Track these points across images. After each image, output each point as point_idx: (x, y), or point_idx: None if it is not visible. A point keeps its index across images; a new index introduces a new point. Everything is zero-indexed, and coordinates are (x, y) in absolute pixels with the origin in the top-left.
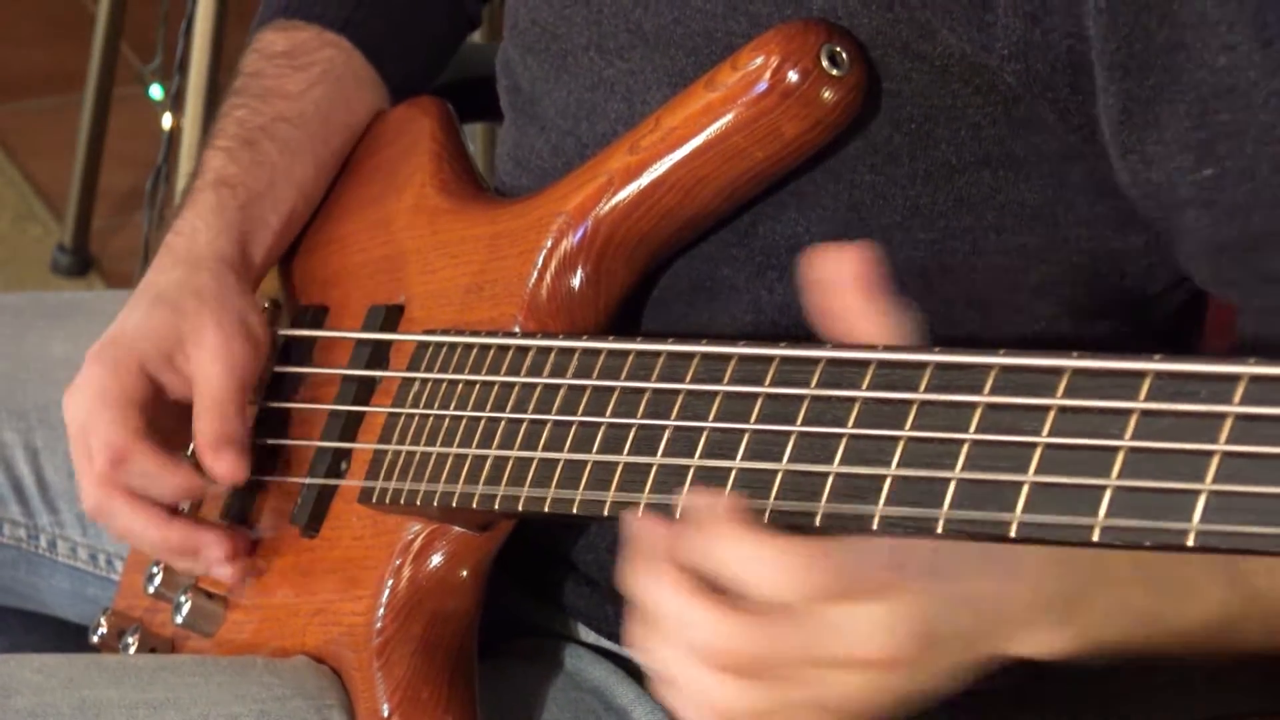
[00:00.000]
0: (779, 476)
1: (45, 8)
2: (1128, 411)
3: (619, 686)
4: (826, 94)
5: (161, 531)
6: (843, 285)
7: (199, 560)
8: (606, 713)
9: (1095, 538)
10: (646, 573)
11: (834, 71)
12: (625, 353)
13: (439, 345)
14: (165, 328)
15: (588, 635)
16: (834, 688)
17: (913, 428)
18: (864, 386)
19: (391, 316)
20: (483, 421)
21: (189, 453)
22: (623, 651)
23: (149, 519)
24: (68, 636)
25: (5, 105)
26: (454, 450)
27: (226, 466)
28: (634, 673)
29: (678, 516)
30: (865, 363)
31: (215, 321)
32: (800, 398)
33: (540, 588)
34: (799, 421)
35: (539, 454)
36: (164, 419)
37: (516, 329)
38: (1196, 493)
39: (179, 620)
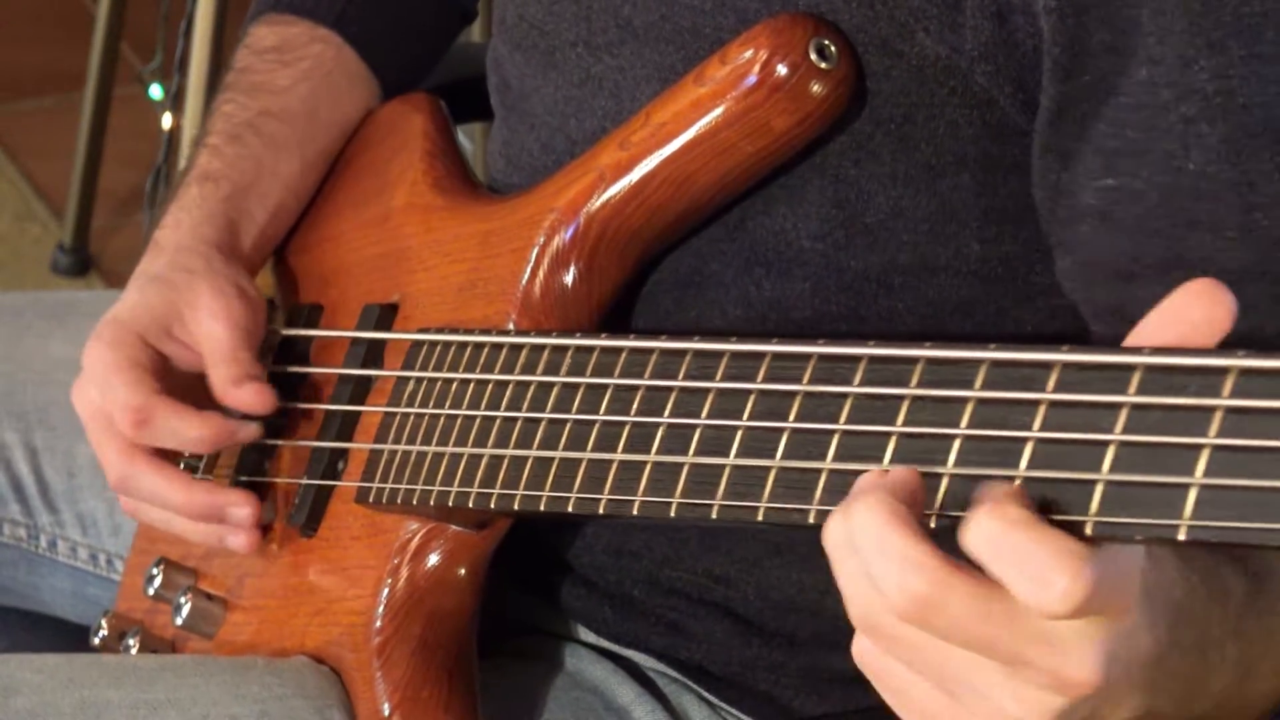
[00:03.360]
0: (772, 473)
1: (45, 8)
2: (1118, 405)
3: (619, 686)
4: (815, 87)
5: (187, 492)
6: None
7: (216, 526)
8: (606, 712)
9: (1088, 532)
10: (857, 499)
11: (822, 65)
12: (618, 350)
13: (433, 344)
14: (161, 303)
15: (587, 635)
16: (1012, 697)
17: (904, 424)
18: (856, 382)
19: (386, 315)
20: (478, 420)
21: None
22: (622, 651)
23: (175, 481)
24: (68, 636)
25: (5, 105)
26: (450, 450)
27: (251, 396)
28: (634, 672)
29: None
30: (857, 358)
31: (210, 286)
32: (793, 394)
33: (539, 587)
34: (792, 418)
35: (534, 453)
36: (175, 389)
37: (510, 326)
38: (1187, 486)
39: (179, 621)
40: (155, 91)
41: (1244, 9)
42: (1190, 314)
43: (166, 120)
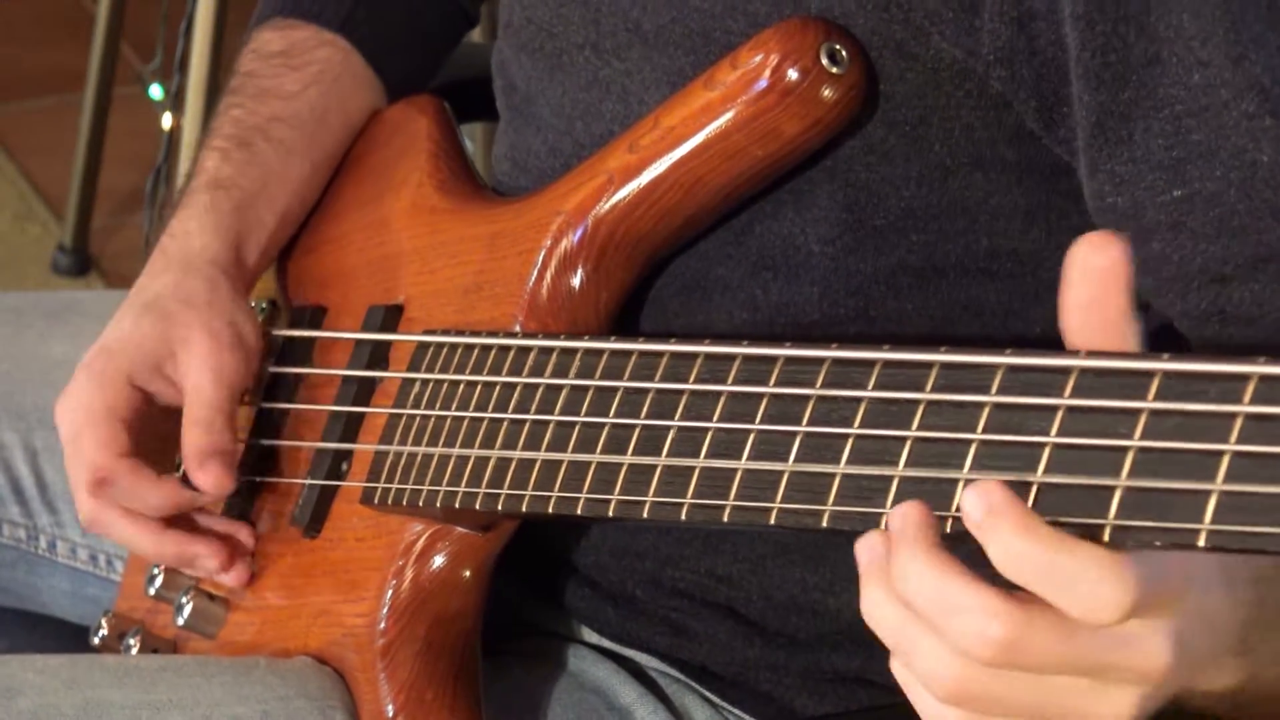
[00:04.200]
0: (785, 477)
1: (45, 8)
2: (1136, 411)
3: (621, 687)
4: (826, 92)
5: (156, 543)
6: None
7: (193, 569)
8: (609, 713)
9: (1105, 538)
10: (894, 559)
11: (834, 70)
12: (628, 353)
13: (439, 346)
14: (154, 336)
15: (590, 636)
16: (1104, 701)
17: (919, 428)
18: (870, 386)
19: (391, 317)
20: (485, 422)
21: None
22: (625, 651)
23: (142, 530)
24: (68, 637)
25: (5, 105)
26: (456, 451)
27: (211, 479)
28: (636, 673)
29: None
30: (871, 362)
31: (205, 328)
32: (805, 398)
33: (542, 588)
34: (804, 422)
35: (542, 455)
36: (156, 426)
37: (517, 329)
38: (1208, 493)
39: (180, 622)
40: (155, 91)
41: (1278, 1)
42: (1094, 262)
43: (166, 120)
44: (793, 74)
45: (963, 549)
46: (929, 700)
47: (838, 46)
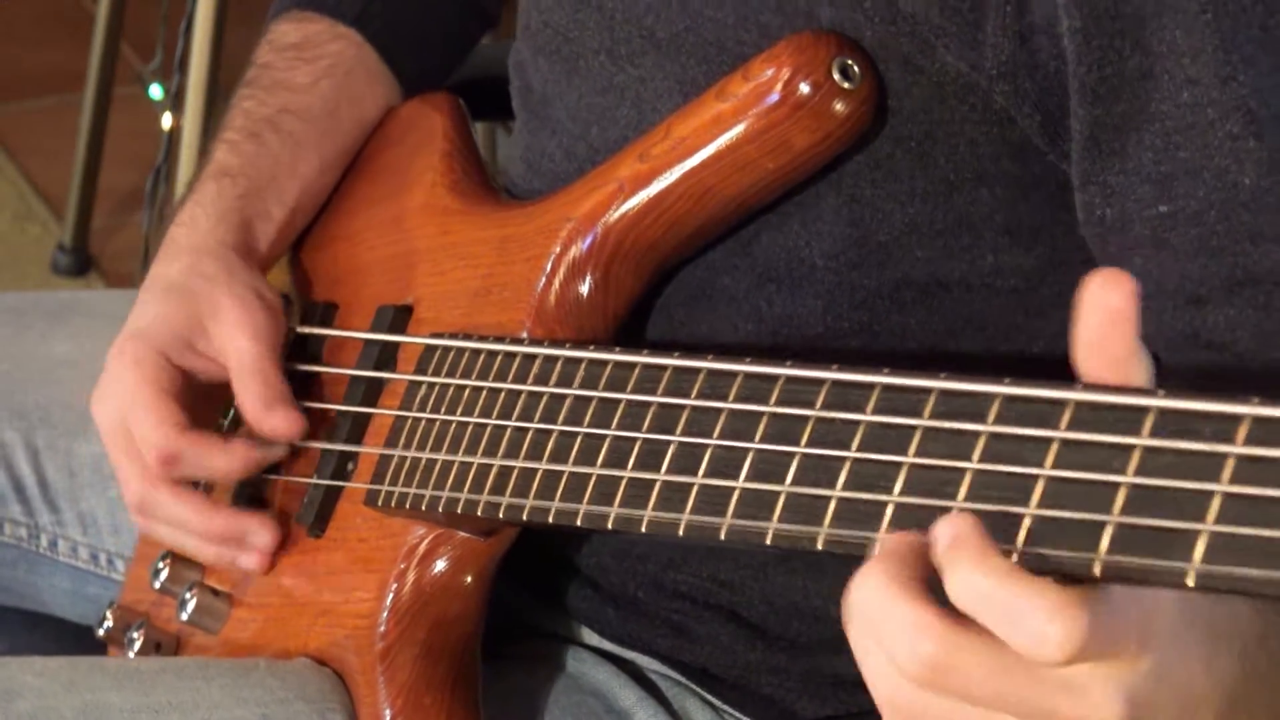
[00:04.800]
0: (781, 498)
1: (45, 8)
2: (1131, 447)
3: (621, 689)
4: (838, 106)
5: (208, 519)
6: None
7: (242, 548)
8: (608, 715)
9: (1096, 572)
10: (870, 576)
11: (845, 84)
12: (632, 365)
13: (446, 349)
14: (181, 315)
15: (590, 638)
16: None
17: (916, 454)
18: (869, 410)
19: (400, 317)
20: (489, 428)
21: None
22: (625, 654)
23: (194, 507)
24: (68, 636)
25: (5, 105)
26: (460, 457)
27: (282, 422)
28: (636, 675)
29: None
30: (870, 386)
31: (230, 296)
32: (805, 418)
33: (543, 590)
34: (803, 443)
35: (544, 465)
36: (197, 402)
37: (524, 334)
38: (1198, 532)
39: (184, 616)
40: (155, 91)
41: (1270, 21)
42: (1108, 301)
43: (166, 120)
44: (804, 88)
45: None
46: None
47: (850, 61)
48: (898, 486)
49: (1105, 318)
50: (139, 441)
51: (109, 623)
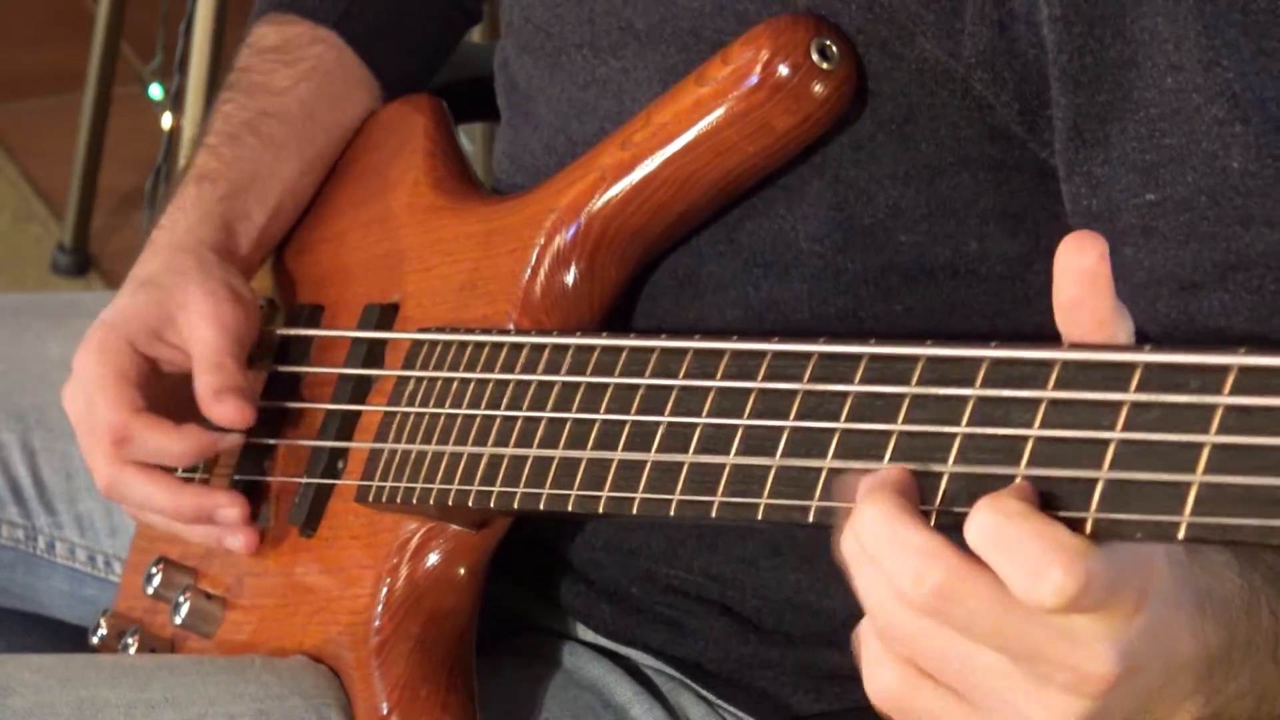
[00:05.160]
0: (772, 472)
1: (45, 8)
2: (1118, 403)
3: (617, 684)
4: (817, 87)
5: (175, 497)
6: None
7: (214, 527)
8: (604, 710)
9: (1088, 530)
10: (861, 501)
11: (824, 65)
12: (619, 349)
13: (434, 344)
14: (151, 306)
15: (585, 633)
16: (1037, 701)
17: (905, 421)
18: (856, 380)
19: (387, 315)
20: (478, 419)
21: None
22: (620, 649)
23: (161, 486)
24: (65, 637)
25: (5, 105)
26: (449, 449)
27: (230, 410)
28: (631, 670)
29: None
30: (857, 356)
31: (200, 288)
32: (793, 392)
33: (537, 585)
34: (792, 416)
35: (534, 451)
36: (166, 394)
37: (511, 326)
38: (1188, 484)
39: (178, 620)
40: (155, 91)
41: (1252, 5)
42: (1076, 264)
43: (166, 120)
44: (784, 69)
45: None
46: (868, 630)
47: (828, 42)
48: (888, 454)
49: (1080, 279)
50: (97, 422)
51: (103, 630)
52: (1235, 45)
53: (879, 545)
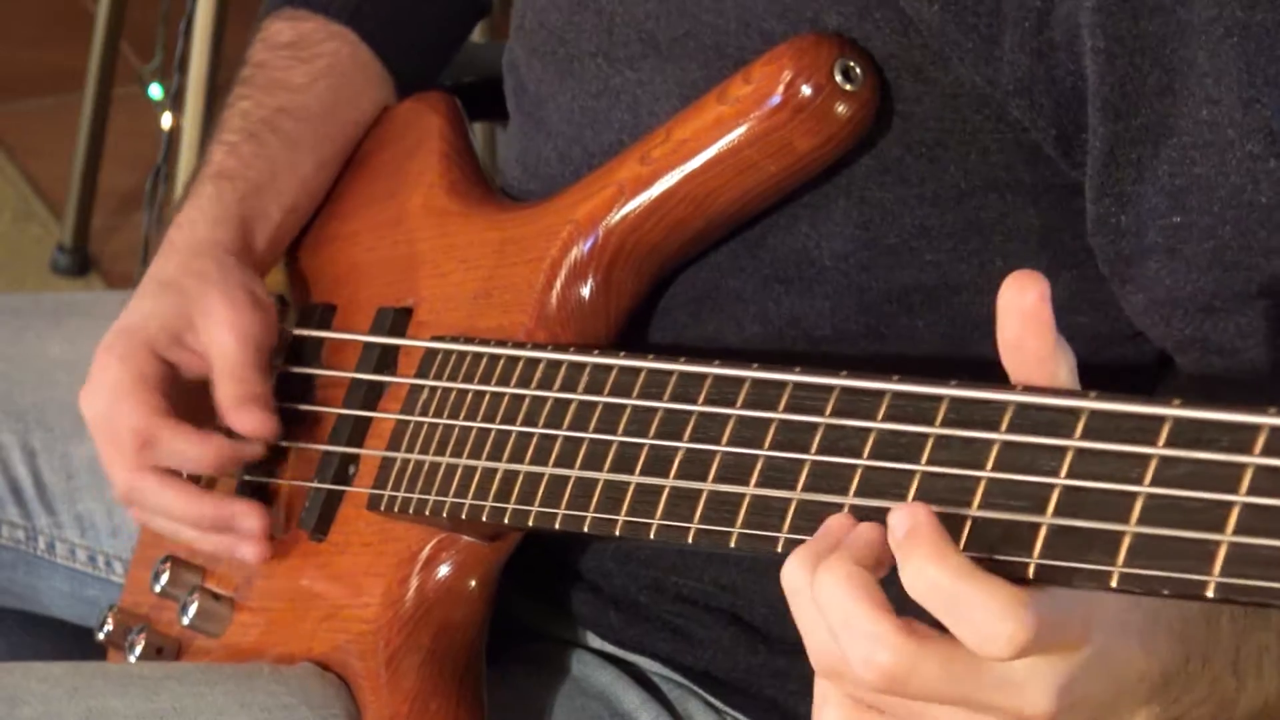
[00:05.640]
0: (793, 505)
1: (45, 8)
2: (1147, 457)
3: (625, 692)
4: (840, 108)
5: (195, 505)
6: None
7: (232, 534)
8: (612, 718)
9: (1114, 584)
10: (822, 563)
11: (847, 86)
12: (637, 370)
13: (449, 352)
14: (171, 311)
15: (593, 641)
16: None
17: (928, 462)
18: (879, 417)
19: (400, 319)
20: (493, 433)
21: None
22: (628, 657)
23: (181, 493)
24: (67, 637)
25: (5, 105)
26: (464, 461)
27: (252, 421)
28: (639, 678)
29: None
30: (880, 393)
31: (221, 294)
32: (814, 425)
33: (545, 593)
34: (813, 450)
35: (550, 470)
36: (185, 399)
37: (526, 338)
38: (1217, 543)
39: (185, 621)
40: (155, 91)
41: None
42: (1022, 303)
43: (166, 120)
44: (806, 90)
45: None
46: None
47: (852, 63)
48: (910, 494)
49: (1020, 319)
50: (120, 428)
51: (109, 626)
52: (1276, 82)
53: (831, 614)
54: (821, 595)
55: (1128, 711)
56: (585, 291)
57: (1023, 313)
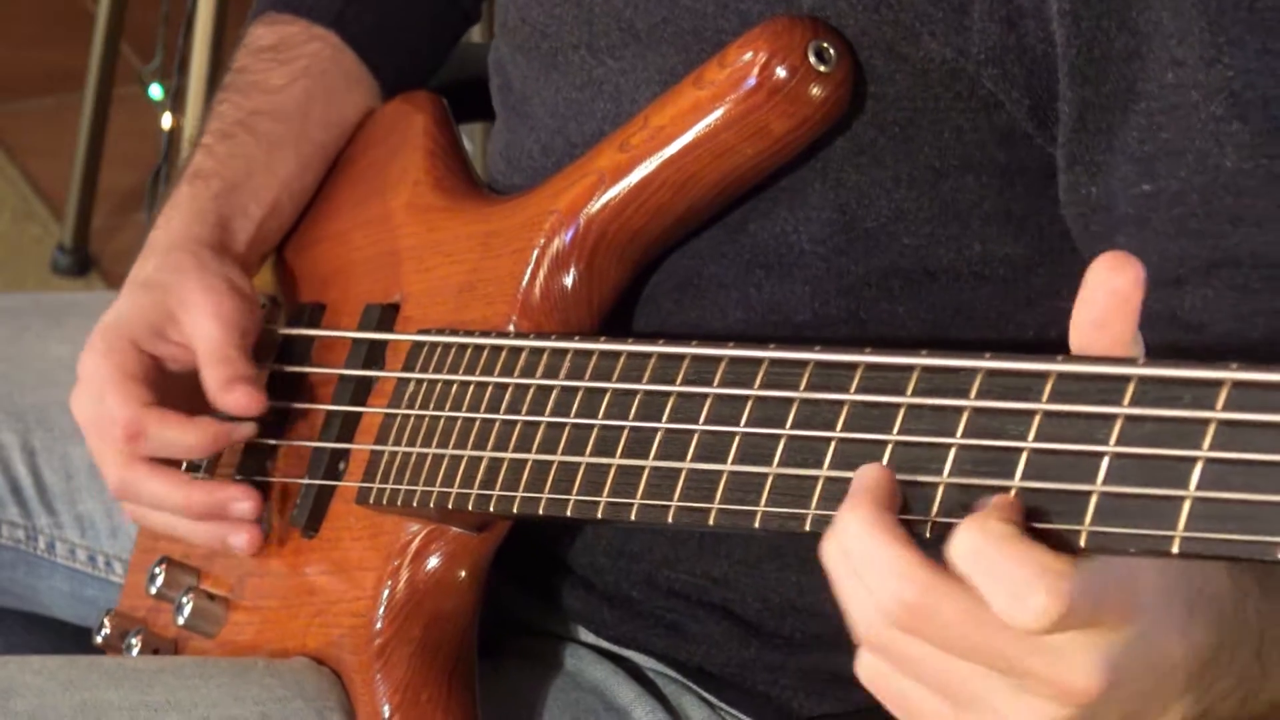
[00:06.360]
0: (770, 480)
1: (45, 8)
2: (1112, 416)
3: (619, 687)
4: (814, 90)
5: (187, 492)
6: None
7: (218, 526)
8: (606, 712)
9: (1082, 543)
10: (845, 504)
11: (821, 68)
12: (617, 354)
13: (434, 345)
14: (151, 305)
15: (587, 636)
16: (1017, 707)
17: (900, 431)
18: (852, 390)
19: (387, 315)
20: (477, 423)
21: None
22: (622, 651)
23: (172, 482)
24: (67, 637)
25: (5, 105)
26: (449, 451)
27: (241, 399)
28: (633, 672)
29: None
30: (853, 365)
31: (199, 283)
32: (789, 400)
33: (539, 589)
34: (789, 425)
35: (532, 456)
36: (174, 392)
37: (510, 328)
38: (1181, 499)
39: (181, 621)
40: (155, 91)
41: (1259, 4)
42: (1113, 284)
43: (166, 120)
44: (781, 72)
45: None
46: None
47: (825, 44)
48: (884, 463)
49: (1110, 299)
50: (107, 421)
51: (106, 629)
52: (1240, 42)
53: (858, 557)
54: (848, 539)
55: (1163, 702)
56: (568, 281)
57: (1114, 293)
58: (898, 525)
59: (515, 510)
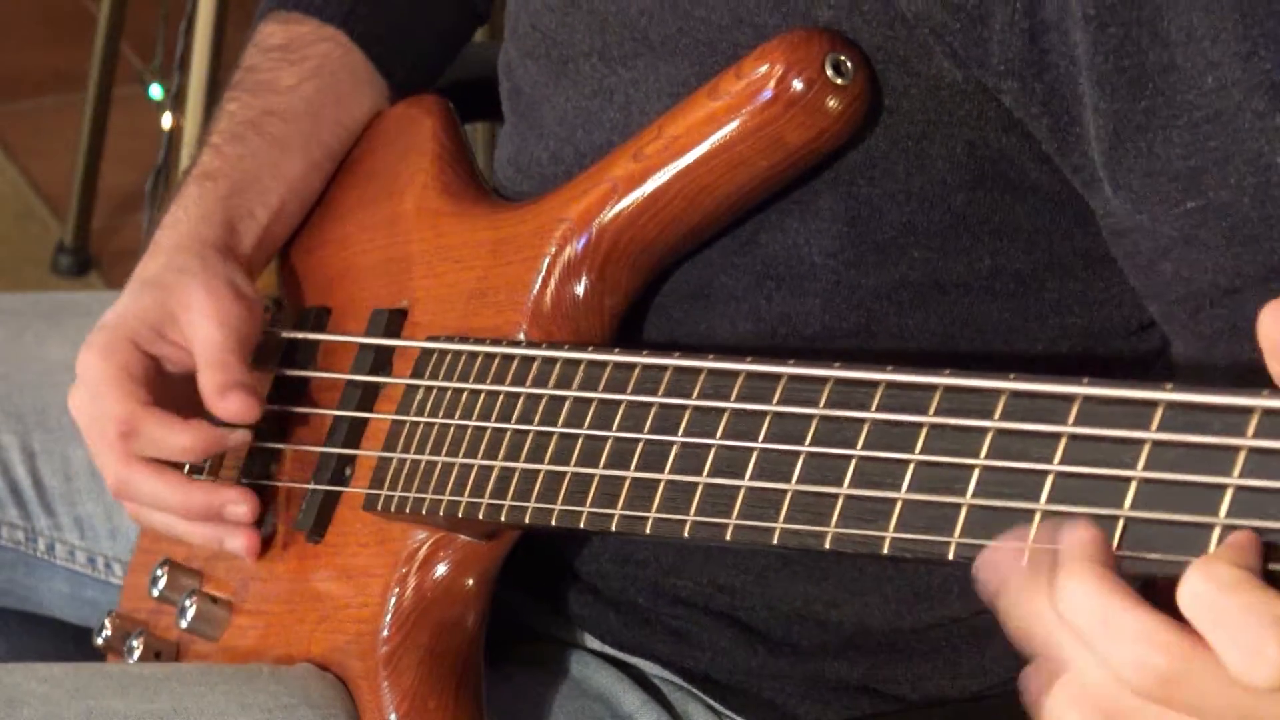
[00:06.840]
0: (788, 497)
1: (45, 8)
2: (1139, 441)
3: (625, 694)
4: (831, 103)
5: (184, 493)
6: None
7: (216, 527)
8: (612, 719)
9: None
10: (1061, 572)
11: (838, 80)
12: (631, 366)
13: (443, 352)
14: (153, 305)
15: (593, 642)
16: None
17: (922, 451)
18: (873, 408)
19: (395, 321)
20: (488, 432)
21: None
22: (628, 658)
23: (169, 482)
24: (67, 638)
25: (5, 105)
26: (459, 460)
27: (235, 405)
28: (640, 680)
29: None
30: (874, 383)
31: (202, 286)
32: (809, 417)
33: (545, 595)
34: (808, 441)
35: (545, 467)
36: (172, 393)
37: (521, 336)
38: (1210, 526)
39: (183, 624)
40: (155, 91)
41: None
42: None
43: (166, 120)
44: (797, 84)
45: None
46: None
47: (843, 57)
48: (905, 484)
49: None
50: (104, 419)
51: (107, 631)
52: (1274, 35)
53: (1091, 627)
54: (1073, 608)
55: None
56: (579, 289)
57: None
58: (1127, 589)
59: (527, 520)
